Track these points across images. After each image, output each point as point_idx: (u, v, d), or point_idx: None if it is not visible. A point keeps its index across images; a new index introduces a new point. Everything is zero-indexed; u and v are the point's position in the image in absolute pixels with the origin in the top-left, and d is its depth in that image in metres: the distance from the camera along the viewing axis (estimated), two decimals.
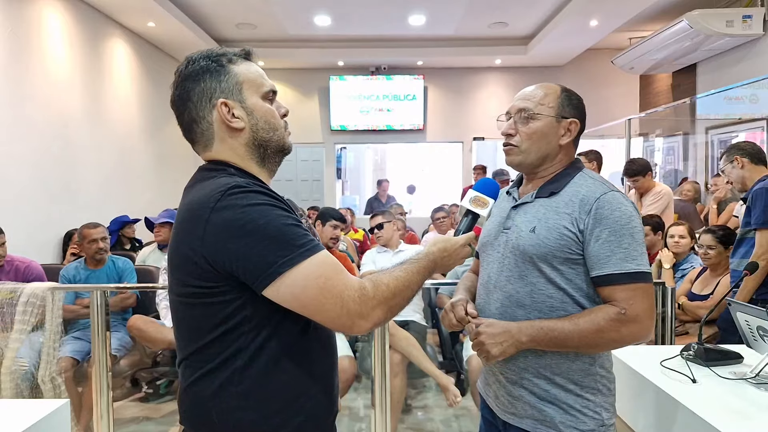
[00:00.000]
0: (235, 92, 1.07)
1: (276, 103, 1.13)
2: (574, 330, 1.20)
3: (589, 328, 1.19)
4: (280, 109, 1.13)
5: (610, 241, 1.20)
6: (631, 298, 1.19)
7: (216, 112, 1.06)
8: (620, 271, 1.19)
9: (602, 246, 1.20)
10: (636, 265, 1.19)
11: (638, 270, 1.20)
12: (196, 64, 1.07)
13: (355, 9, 6.42)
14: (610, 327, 1.18)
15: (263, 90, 1.10)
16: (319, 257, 0.96)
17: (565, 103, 1.33)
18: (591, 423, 1.25)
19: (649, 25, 6.67)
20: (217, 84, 1.06)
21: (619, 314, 1.18)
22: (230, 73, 1.07)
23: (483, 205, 1.32)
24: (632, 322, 1.18)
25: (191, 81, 1.06)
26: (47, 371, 2.56)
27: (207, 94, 1.06)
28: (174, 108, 1.10)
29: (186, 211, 1.01)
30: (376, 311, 0.98)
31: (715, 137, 6.26)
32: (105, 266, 3.45)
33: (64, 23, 4.95)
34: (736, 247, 2.82)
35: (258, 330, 0.99)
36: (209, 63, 1.07)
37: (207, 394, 1.01)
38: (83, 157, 5.21)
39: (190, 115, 1.08)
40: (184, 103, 1.08)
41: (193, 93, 1.06)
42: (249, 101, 1.08)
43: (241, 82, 1.07)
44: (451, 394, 2.77)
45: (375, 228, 3.55)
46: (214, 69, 1.06)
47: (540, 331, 1.21)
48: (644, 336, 1.22)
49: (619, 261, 1.19)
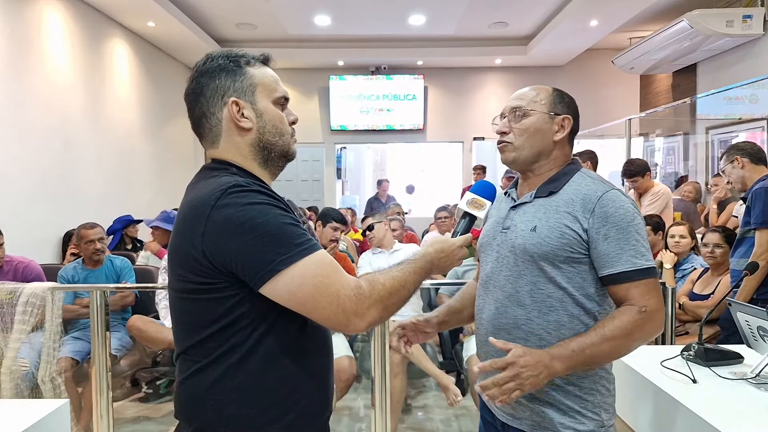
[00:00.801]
0: (248, 93, 1.09)
1: (287, 110, 1.15)
2: (603, 342, 1.16)
3: (618, 335, 1.17)
4: (290, 117, 1.15)
5: (618, 239, 1.20)
6: (646, 294, 1.19)
7: (226, 109, 1.08)
8: (633, 268, 1.19)
9: (611, 244, 1.20)
10: (646, 261, 1.20)
11: (649, 266, 1.20)
12: (214, 62, 1.09)
13: (355, 9, 6.42)
14: (636, 327, 1.17)
15: (275, 95, 1.12)
16: (317, 256, 0.98)
17: (557, 100, 1.35)
18: (590, 424, 1.24)
19: (649, 25, 6.68)
20: (231, 83, 1.08)
21: (640, 313, 1.18)
22: (246, 74, 1.09)
23: (480, 207, 1.34)
24: (653, 319, 1.19)
25: (207, 77, 1.09)
26: (47, 371, 2.56)
27: (220, 92, 1.08)
28: (187, 101, 1.12)
29: (188, 209, 1.02)
30: (372, 310, 0.99)
31: (715, 137, 6.26)
32: (103, 266, 3.45)
33: (64, 23, 4.95)
34: (735, 247, 2.82)
35: (254, 327, 1.01)
36: (227, 62, 1.09)
37: (202, 388, 1.03)
38: (83, 157, 5.21)
39: (201, 110, 1.10)
40: (196, 98, 1.10)
41: (207, 89, 1.08)
42: (260, 104, 1.10)
43: (256, 84, 1.10)
44: (452, 393, 2.78)
45: (366, 230, 3.58)
46: (231, 68, 1.09)
47: (572, 356, 1.15)
48: (661, 329, 1.22)
49: (630, 258, 1.19)
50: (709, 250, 3.05)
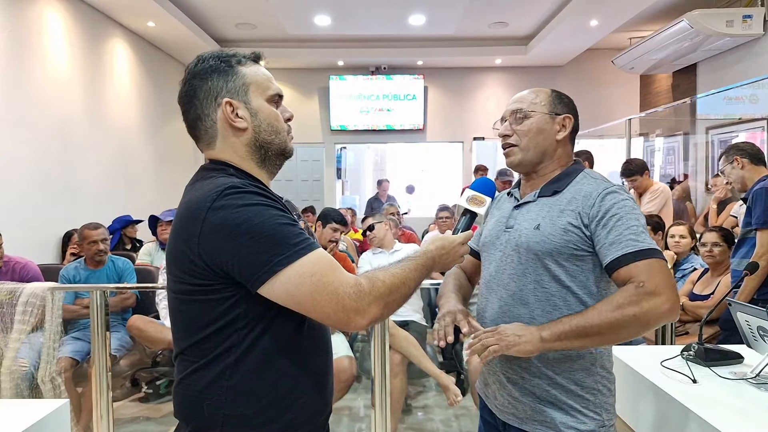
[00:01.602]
0: (241, 93, 1.09)
1: (281, 107, 1.15)
2: (591, 312, 1.16)
3: (606, 307, 1.15)
4: (285, 114, 1.15)
5: (618, 226, 1.20)
6: (647, 272, 1.15)
7: (220, 110, 1.08)
8: (633, 249, 1.17)
9: (611, 233, 1.20)
10: (647, 243, 1.18)
11: (650, 247, 1.18)
12: (205, 63, 1.09)
13: (355, 9, 6.42)
14: (630, 302, 1.13)
15: (269, 93, 1.12)
16: (314, 255, 0.98)
17: (556, 101, 1.36)
18: (591, 423, 1.24)
19: (649, 25, 6.67)
20: (224, 83, 1.08)
21: (637, 288, 1.13)
22: (238, 74, 1.09)
23: (480, 203, 1.34)
24: (652, 295, 1.12)
25: (199, 79, 1.09)
26: (47, 371, 2.56)
27: (213, 93, 1.08)
28: (180, 104, 1.12)
29: (184, 210, 1.03)
30: (373, 307, 0.99)
31: (715, 137, 6.26)
32: (105, 266, 3.45)
33: (64, 23, 4.95)
34: (736, 248, 2.82)
35: (251, 327, 1.01)
36: (218, 63, 1.09)
37: (199, 388, 1.03)
38: (83, 157, 5.21)
39: (195, 112, 1.10)
40: (190, 100, 1.10)
41: (200, 90, 1.08)
42: (254, 103, 1.10)
43: (248, 83, 1.09)
44: (452, 393, 2.78)
45: (367, 230, 3.59)
46: (223, 69, 1.09)
47: (558, 324, 1.16)
48: (669, 310, 1.13)
49: (630, 241, 1.18)
50: (707, 249, 3.05)
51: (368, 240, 3.64)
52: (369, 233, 3.58)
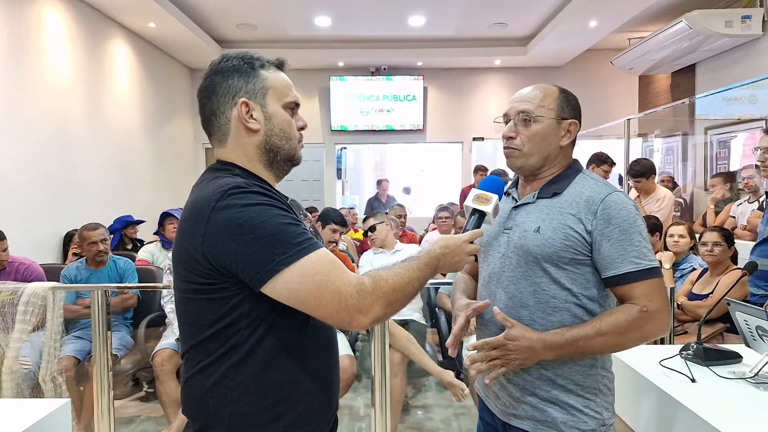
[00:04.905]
0: (259, 96, 1.10)
1: (297, 115, 1.17)
2: (597, 336, 1.19)
3: (612, 330, 1.19)
4: (299, 122, 1.17)
5: (621, 240, 1.20)
6: (649, 294, 1.19)
7: (236, 109, 1.09)
8: (636, 269, 1.19)
9: (614, 246, 1.21)
10: (649, 261, 1.20)
11: (652, 266, 1.21)
12: (229, 62, 1.11)
13: (355, 9, 6.43)
14: (633, 326, 1.18)
15: (286, 100, 1.14)
16: (317, 254, 0.99)
17: (564, 104, 1.33)
18: (592, 423, 1.25)
19: (648, 25, 6.68)
20: (243, 84, 1.10)
21: (641, 312, 1.18)
22: (259, 77, 1.11)
23: (486, 201, 1.29)
24: (654, 319, 1.19)
25: (220, 76, 1.10)
26: (48, 371, 2.56)
27: (232, 91, 1.10)
28: (199, 98, 1.14)
29: (189, 209, 1.04)
30: (375, 306, 1.00)
31: (714, 138, 6.26)
32: (106, 266, 3.45)
33: (64, 23, 4.96)
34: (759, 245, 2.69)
35: (255, 326, 1.02)
36: (242, 63, 1.11)
37: (204, 387, 1.04)
38: (83, 157, 5.22)
39: (211, 108, 1.11)
40: (209, 95, 1.11)
41: (219, 87, 1.10)
42: (270, 107, 1.11)
43: (267, 87, 1.11)
44: (458, 389, 2.76)
45: (368, 231, 3.58)
46: (245, 70, 1.10)
47: (565, 345, 1.20)
48: (664, 331, 1.22)
49: (634, 258, 1.20)
50: (708, 249, 3.05)
51: (369, 241, 3.64)
52: (370, 233, 3.58)
